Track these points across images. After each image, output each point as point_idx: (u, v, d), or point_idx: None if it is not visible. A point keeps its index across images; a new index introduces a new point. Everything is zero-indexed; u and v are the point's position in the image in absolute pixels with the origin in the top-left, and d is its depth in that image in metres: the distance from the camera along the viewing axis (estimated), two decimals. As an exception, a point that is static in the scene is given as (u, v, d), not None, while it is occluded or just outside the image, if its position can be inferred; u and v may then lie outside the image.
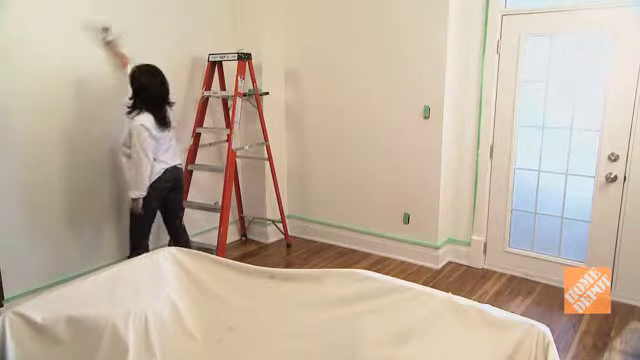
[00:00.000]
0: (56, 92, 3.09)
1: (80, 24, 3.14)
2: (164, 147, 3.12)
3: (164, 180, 3.13)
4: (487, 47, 3.51)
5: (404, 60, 3.69)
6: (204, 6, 3.94)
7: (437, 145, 3.67)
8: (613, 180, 3.18)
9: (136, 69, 3.02)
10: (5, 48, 2.84)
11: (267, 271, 2.40)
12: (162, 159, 3.13)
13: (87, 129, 3.27)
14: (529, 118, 3.50)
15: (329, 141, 4.19)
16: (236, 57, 3.71)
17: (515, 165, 3.60)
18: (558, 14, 3.26)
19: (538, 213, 3.58)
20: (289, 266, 3.91)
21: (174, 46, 3.76)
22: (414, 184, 3.83)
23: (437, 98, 3.59)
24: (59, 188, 3.19)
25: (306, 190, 4.46)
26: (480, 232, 3.80)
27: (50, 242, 3.18)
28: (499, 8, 3.43)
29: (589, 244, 3.35)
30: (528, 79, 3.45)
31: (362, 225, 4.20)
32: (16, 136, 2.94)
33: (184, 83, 3.88)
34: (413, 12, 3.58)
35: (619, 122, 3.11)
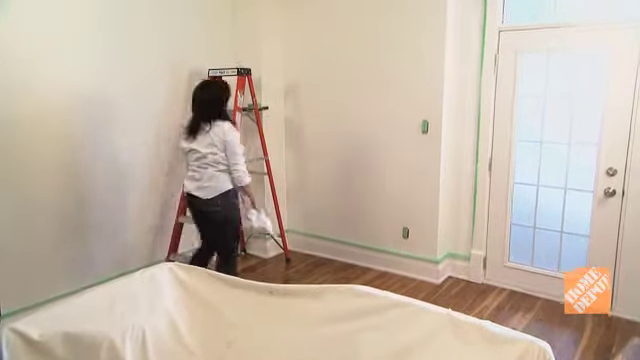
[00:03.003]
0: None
1: (82, 43, 3.18)
2: (190, 165, 3.04)
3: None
4: (485, 62, 3.54)
5: (403, 75, 3.72)
6: (204, 21, 3.98)
7: (436, 160, 3.68)
8: (612, 195, 3.19)
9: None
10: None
11: (266, 287, 2.38)
12: (185, 181, 3.11)
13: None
14: (527, 133, 3.52)
15: (328, 155, 4.21)
16: (236, 72, 3.74)
17: (514, 179, 3.60)
18: (554, 30, 3.29)
19: (537, 228, 3.58)
20: (288, 281, 3.90)
21: (174, 61, 3.79)
22: (413, 198, 3.83)
23: (435, 113, 3.61)
24: (55, 202, 3.19)
25: (305, 205, 4.45)
26: (480, 246, 3.79)
27: (48, 257, 3.17)
28: (496, 24, 3.47)
29: (589, 259, 3.34)
30: (526, 94, 3.47)
31: (361, 240, 4.19)
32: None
33: (184, 98, 3.90)
34: (411, 28, 3.61)
35: (616, 137, 3.13)
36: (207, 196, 2.99)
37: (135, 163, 3.63)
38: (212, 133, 2.93)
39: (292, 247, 4.46)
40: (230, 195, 3.04)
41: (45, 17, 3.00)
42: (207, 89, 3.05)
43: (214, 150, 2.95)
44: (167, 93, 3.78)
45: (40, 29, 2.98)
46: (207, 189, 2.99)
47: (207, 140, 2.94)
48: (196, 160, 2.99)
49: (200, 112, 2.99)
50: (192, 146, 2.99)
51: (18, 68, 2.91)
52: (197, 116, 3.00)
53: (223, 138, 2.94)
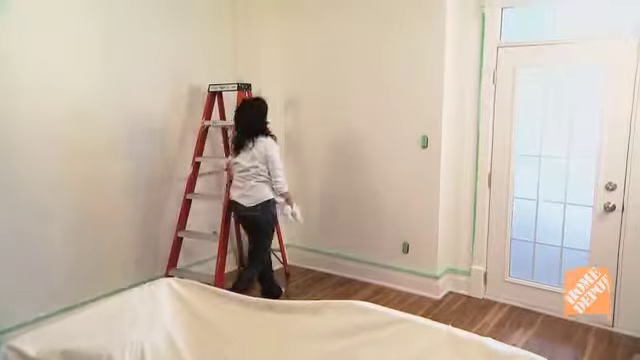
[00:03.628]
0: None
1: (81, 58, 3.21)
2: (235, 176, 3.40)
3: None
4: (483, 78, 3.57)
5: (402, 90, 3.74)
6: (205, 38, 4.02)
7: (435, 174, 3.69)
8: (611, 210, 3.19)
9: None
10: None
11: (265, 302, 2.38)
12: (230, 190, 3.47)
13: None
14: (526, 147, 3.53)
15: (328, 170, 4.21)
16: (236, 87, 3.76)
17: (514, 194, 3.60)
18: (552, 46, 3.33)
19: (538, 242, 3.57)
20: (288, 296, 3.87)
21: (175, 77, 3.82)
22: (413, 213, 3.83)
23: (435, 128, 3.63)
24: (54, 216, 3.19)
25: (305, 219, 4.43)
26: (480, 261, 3.78)
27: (45, 273, 3.16)
28: (494, 40, 3.50)
29: (590, 274, 3.33)
30: (524, 109, 3.49)
31: (361, 254, 4.18)
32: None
33: (184, 113, 3.93)
34: (411, 43, 3.65)
35: (615, 151, 3.14)
36: (249, 204, 3.35)
37: (135, 177, 3.63)
38: (255, 149, 3.29)
39: (291, 262, 4.45)
40: (269, 204, 3.39)
41: (45, 31, 3.02)
42: (249, 109, 3.37)
43: (256, 163, 3.30)
44: (167, 109, 3.80)
45: (39, 43, 3.00)
46: (249, 197, 3.35)
47: (250, 155, 3.30)
48: (240, 172, 3.36)
49: (244, 130, 3.33)
50: (237, 160, 3.36)
51: (17, 81, 2.93)
52: (241, 134, 3.35)
53: (265, 153, 3.28)
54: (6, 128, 2.90)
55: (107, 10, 3.31)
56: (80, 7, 3.17)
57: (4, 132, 2.89)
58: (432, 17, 3.52)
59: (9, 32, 2.87)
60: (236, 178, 3.42)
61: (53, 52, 3.07)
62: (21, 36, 2.92)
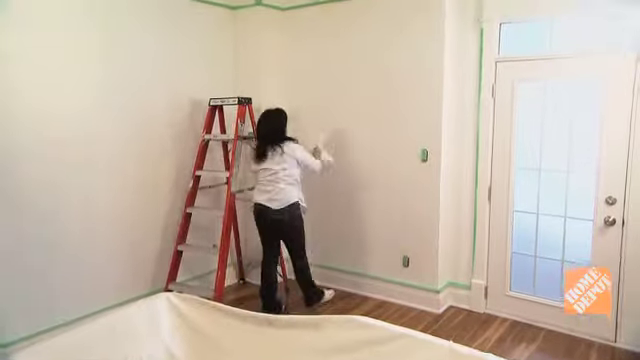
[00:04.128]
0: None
1: (90, 78, 3.25)
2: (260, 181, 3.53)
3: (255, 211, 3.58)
4: (482, 92, 3.59)
5: (402, 104, 3.76)
6: (206, 53, 4.06)
7: (435, 188, 3.69)
8: (612, 224, 3.18)
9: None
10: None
11: (265, 317, 2.36)
12: (255, 195, 3.59)
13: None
14: (526, 161, 3.54)
15: (328, 183, 4.21)
16: (236, 101, 3.78)
17: (514, 208, 3.60)
18: (550, 61, 3.36)
19: (538, 256, 3.56)
20: (287, 310, 3.85)
21: (176, 91, 3.85)
22: (413, 227, 3.82)
23: (434, 142, 3.65)
24: (53, 229, 3.19)
25: (305, 232, 4.42)
26: (480, 275, 3.76)
27: (46, 285, 3.15)
28: (493, 55, 3.53)
29: (591, 288, 3.31)
30: (523, 122, 3.51)
31: (361, 268, 4.16)
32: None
33: (185, 126, 3.95)
34: (410, 57, 3.68)
35: (614, 165, 3.14)
36: (278, 207, 3.47)
37: (135, 190, 3.63)
38: (285, 154, 3.47)
39: (291, 276, 4.41)
40: (295, 206, 3.53)
41: (44, 47, 3.04)
42: (271, 119, 3.58)
43: (285, 166, 3.47)
44: (167, 122, 3.82)
45: (39, 57, 3.02)
46: (277, 201, 3.48)
47: (279, 159, 3.46)
48: (268, 176, 3.49)
49: (267, 138, 3.52)
50: (264, 166, 3.50)
51: (16, 97, 2.94)
52: (264, 142, 3.52)
53: (294, 155, 3.50)
54: (4, 131, 2.90)
55: (106, 25, 3.34)
56: (79, 22, 3.20)
57: (2, 135, 2.90)
58: (431, 32, 3.56)
59: (8, 37, 2.87)
60: (263, 183, 3.53)
61: (53, 70, 3.10)
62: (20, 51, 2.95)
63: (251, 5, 4.11)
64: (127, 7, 3.44)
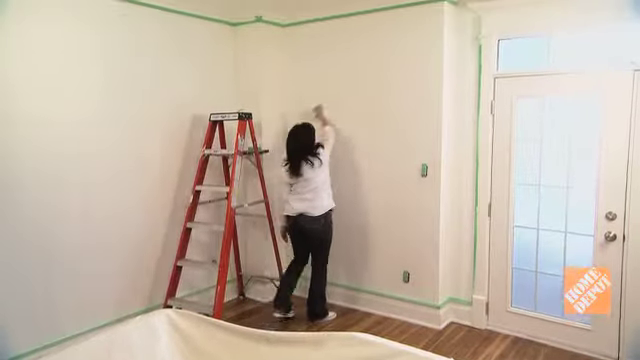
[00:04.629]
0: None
1: (90, 95, 3.27)
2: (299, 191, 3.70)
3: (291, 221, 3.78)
4: (481, 108, 3.61)
5: (402, 120, 3.78)
6: (206, 67, 4.09)
7: (435, 203, 3.69)
8: (612, 239, 3.17)
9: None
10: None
11: (264, 334, 2.33)
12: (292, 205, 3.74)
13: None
14: (526, 176, 3.54)
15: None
16: (237, 117, 3.80)
17: (514, 223, 3.60)
18: (548, 77, 3.38)
19: (539, 272, 3.54)
20: (287, 327, 3.82)
21: (176, 105, 3.86)
22: (413, 242, 3.81)
23: (434, 157, 3.66)
24: (52, 246, 3.18)
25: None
26: (481, 291, 3.74)
27: (45, 300, 3.13)
28: (491, 71, 3.56)
29: (593, 304, 3.29)
30: (523, 138, 3.52)
31: (361, 283, 4.14)
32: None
33: (185, 141, 3.96)
34: (410, 72, 3.71)
35: (614, 181, 3.15)
36: (316, 214, 3.68)
37: (135, 205, 3.63)
38: (318, 162, 3.65)
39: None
40: (330, 213, 3.78)
41: (46, 60, 3.06)
42: (300, 134, 3.73)
43: (323, 175, 3.70)
44: (168, 137, 3.83)
45: (40, 72, 3.03)
46: (317, 208, 3.68)
47: (318, 170, 3.66)
48: (309, 186, 3.67)
49: (300, 154, 3.67)
50: (305, 177, 3.66)
51: (16, 111, 2.94)
52: (297, 157, 3.67)
53: (324, 158, 3.72)
54: (2, 140, 2.91)
55: (107, 40, 3.37)
56: (80, 38, 3.23)
57: (2, 165, 2.91)
58: (430, 48, 3.59)
59: (7, 43, 2.89)
60: (301, 192, 3.69)
61: (54, 80, 3.11)
62: (21, 68, 2.97)
63: (252, 21, 4.15)
64: (128, 22, 3.47)
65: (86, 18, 3.23)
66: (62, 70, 3.14)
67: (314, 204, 3.67)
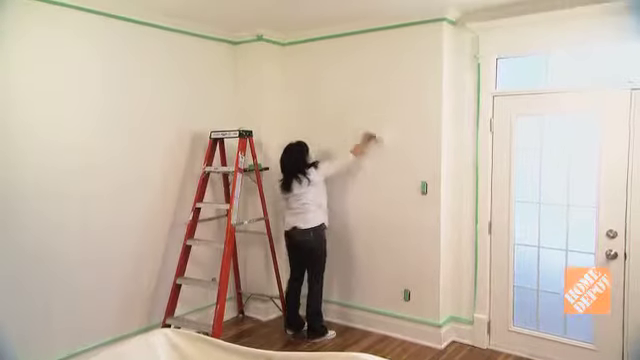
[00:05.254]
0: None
1: (87, 108, 3.29)
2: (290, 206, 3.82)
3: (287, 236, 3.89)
4: (480, 126, 3.63)
5: (401, 138, 3.80)
6: (207, 85, 4.12)
7: (435, 220, 3.68)
8: (614, 257, 3.16)
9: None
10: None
11: (263, 354, 2.31)
12: (286, 219, 3.88)
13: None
14: (526, 194, 3.54)
15: (328, 216, 4.20)
16: (237, 134, 3.82)
17: (514, 241, 3.59)
18: (546, 95, 3.41)
19: (541, 290, 3.52)
20: (287, 345, 3.78)
21: (177, 123, 3.88)
22: (414, 259, 3.80)
23: (434, 174, 3.66)
24: (50, 262, 3.17)
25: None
26: (483, 310, 3.71)
27: (42, 319, 3.10)
28: (490, 90, 3.58)
29: (595, 323, 3.26)
30: (522, 156, 3.53)
31: (362, 302, 4.11)
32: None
33: (186, 158, 3.97)
34: (408, 92, 3.74)
35: (614, 199, 3.15)
36: (306, 227, 3.76)
37: (135, 222, 3.63)
38: (311, 182, 3.75)
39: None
40: (321, 228, 3.82)
41: (46, 77, 3.08)
42: (291, 152, 3.86)
43: (313, 192, 3.77)
44: (168, 154, 3.84)
45: (41, 87, 3.06)
46: (305, 222, 3.77)
47: (306, 187, 3.75)
48: (297, 202, 3.78)
49: (290, 171, 3.81)
50: (294, 192, 3.77)
51: (17, 124, 2.96)
52: (288, 174, 3.82)
53: (320, 180, 3.81)
54: (4, 160, 2.92)
55: (110, 58, 3.40)
56: (82, 54, 3.26)
57: (3, 181, 2.92)
58: (429, 67, 3.62)
59: (10, 66, 2.92)
60: (293, 207, 3.82)
61: (55, 95, 3.13)
62: (22, 88, 3.00)
63: (252, 40, 4.20)
64: (130, 40, 3.52)
65: (88, 35, 3.27)
66: (63, 85, 3.17)
67: (304, 217, 3.77)
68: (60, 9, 3.09)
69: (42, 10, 3.01)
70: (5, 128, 2.90)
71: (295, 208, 3.82)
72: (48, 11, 3.04)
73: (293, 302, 3.98)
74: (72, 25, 3.19)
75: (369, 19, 3.77)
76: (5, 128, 2.90)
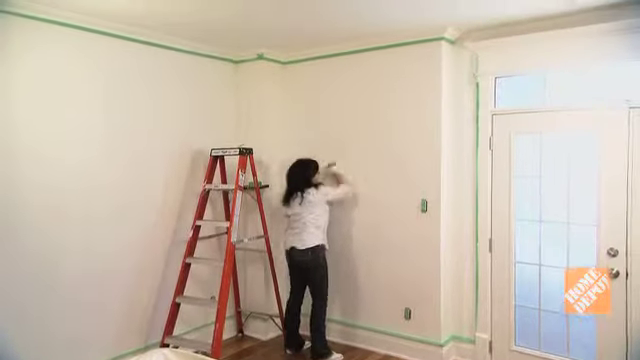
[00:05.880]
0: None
1: (88, 126, 3.31)
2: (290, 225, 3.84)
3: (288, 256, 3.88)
4: (480, 144, 3.64)
5: (400, 157, 3.81)
6: (208, 103, 4.15)
7: (436, 238, 3.67)
8: (615, 276, 3.13)
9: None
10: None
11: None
12: (286, 239, 3.88)
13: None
14: (526, 212, 3.53)
15: (328, 235, 4.18)
16: (238, 152, 3.83)
17: (515, 259, 3.57)
18: (544, 114, 3.43)
19: (542, 309, 3.49)
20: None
21: (178, 141, 3.90)
22: (415, 278, 3.78)
23: (434, 192, 3.66)
24: (48, 279, 3.15)
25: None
26: (484, 329, 3.68)
27: (44, 338, 3.08)
28: (489, 108, 3.61)
29: (598, 343, 3.23)
30: (522, 174, 3.53)
31: (363, 320, 4.08)
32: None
33: (186, 176, 3.98)
34: (408, 110, 3.76)
35: (614, 217, 3.14)
36: (303, 247, 3.72)
37: (134, 241, 3.62)
38: (310, 202, 3.73)
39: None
40: (319, 248, 3.76)
41: (48, 97, 3.11)
42: (296, 168, 3.88)
43: (312, 211, 3.74)
44: (169, 172, 3.85)
45: (43, 107, 3.08)
46: (304, 241, 3.74)
47: (306, 205, 3.74)
48: (297, 221, 3.78)
49: (292, 185, 3.84)
50: (295, 211, 3.79)
51: (19, 145, 2.97)
52: (289, 188, 3.85)
53: (320, 200, 3.78)
54: (7, 196, 2.93)
55: (112, 77, 3.43)
56: (84, 74, 3.29)
57: (5, 200, 2.92)
58: (429, 86, 3.65)
59: (12, 87, 2.94)
60: (292, 226, 3.83)
61: (57, 115, 3.16)
62: (23, 105, 3.02)
63: (253, 59, 4.24)
64: (131, 59, 3.55)
65: (89, 54, 3.30)
66: (65, 105, 3.19)
67: (302, 237, 3.74)
68: (62, 29, 3.12)
69: (44, 30, 3.05)
70: (7, 147, 2.92)
71: (294, 228, 3.81)
72: (50, 31, 3.08)
73: (292, 321, 3.94)
74: (74, 45, 3.22)
75: (368, 38, 3.81)
76: (7, 147, 2.92)
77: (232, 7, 3.11)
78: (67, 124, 3.21)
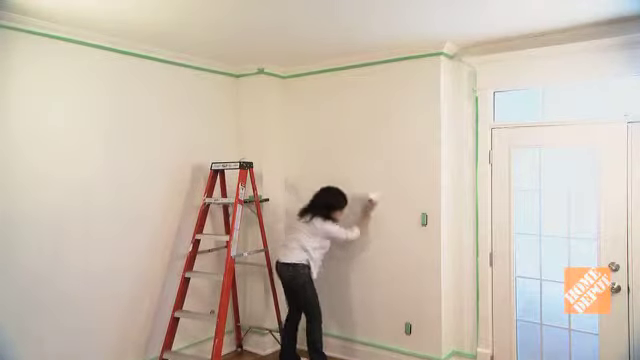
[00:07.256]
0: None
1: (89, 143, 3.33)
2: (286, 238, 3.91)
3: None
4: (479, 158, 3.64)
5: (400, 170, 3.81)
6: (208, 117, 4.16)
7: (436, 252, 3.66)
8: (617, 291, 3.11)
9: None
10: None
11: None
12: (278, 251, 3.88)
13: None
14: (526, 226, 3.52)
15: (328, 248, 4.18)
16: (238, 166, 3.84)
17: (516, 273, 3.55)
18: (543, 128, 3.44)
19: (544, 324, 3.46)
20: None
21: (178, 154, 3.91)
22: (415, 292, 3.75)
23: (434, 206, 3.66)
24: (46, 293, 3.14)
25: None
26: (486, 344, 3.64)
27: (36, 351, 3.05)
28: (488, 122, 3.62)
29: (600, 359, 3.19)
30: (522, 188, 3.53)
31: (363, 335, 4.04)
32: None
33: (186, 190, 3.98)
34: (407, 124, 3.77)
35: (615, 232, 3.12)
36: (283, 260, 3.73)
37: (134, 256, 3.61)
38: (310, 223, 3.73)
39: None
40: (299, 267, 3.68)
41: (47, 113, 3.11)
42: (322, 193, 3.84)
43: (310, 234, 3.71)
44: (169, 185, 3.85)
45: (43, 124, 3.08)
46: (287, 256, 3.73)
47: (308, 227, 3.73)
48: (292, 236, 3.80)
49: (310, 206, 3.82)
50: (295, 224, 3.85)
51: (18, 163, 2.97)
52: (308, 207, 3.82)
53: (319, 231, 3.71)
54: (6, 213, 2.92)
55: (112, 92, 3.44)
56: (84, 89, 3.30)
57: (3, 217, 2.91)
58: (428, 100, 3.66)
59: (12, 113, 2.95)
60: (287, 239, 3.86)
61: (56, 132, 3.16)
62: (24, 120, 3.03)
63: (254, 73, 4.27)
64: (132, 73, 3.57)
65: (89, 69, 3.32)
66: (64, 120, 3.19)
67: (285, 251, 3.74)
68: (62, 44, 3.14)
69: (44, 45, 3.05)
70: (6, 164, 2.92)
71: (286, 240, 3.87)
72: (51, 46, 3.09)
73: (288, 337, 3.88)
74: (74, 60, 3.23)
75: (368, 53, 3.83)
76: (6, 164, 2.92)
77: (233, 27, 3.16)
78: (66, 141, 3.20)
